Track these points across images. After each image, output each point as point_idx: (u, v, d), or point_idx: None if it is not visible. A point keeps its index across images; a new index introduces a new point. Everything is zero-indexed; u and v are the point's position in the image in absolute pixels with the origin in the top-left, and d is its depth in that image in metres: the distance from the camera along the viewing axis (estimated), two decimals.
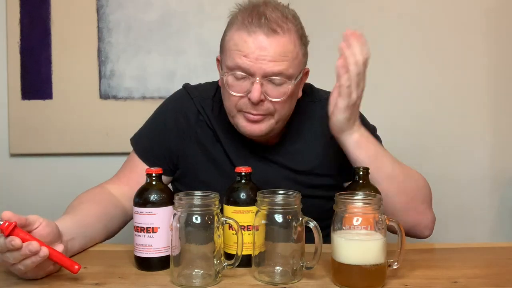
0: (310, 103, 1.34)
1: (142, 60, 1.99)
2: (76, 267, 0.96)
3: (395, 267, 0.98)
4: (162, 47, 1.98)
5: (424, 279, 0.99)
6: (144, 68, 1.99)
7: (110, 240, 1.27)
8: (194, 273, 0.97)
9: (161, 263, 1.03)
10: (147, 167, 1.19)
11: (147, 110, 1.99)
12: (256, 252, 0.98)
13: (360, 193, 0.99)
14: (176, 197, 0.97)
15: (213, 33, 2.00)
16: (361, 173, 1.11)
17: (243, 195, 1.05)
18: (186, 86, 1.39)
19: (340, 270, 0.95)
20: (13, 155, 2.04)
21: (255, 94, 1.14)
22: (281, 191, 1.00)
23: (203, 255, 0.97)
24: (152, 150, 1.34)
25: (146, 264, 1.04)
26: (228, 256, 1.02)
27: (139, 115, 1.99)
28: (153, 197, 1.03)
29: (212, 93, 1.35)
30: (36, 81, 1.99)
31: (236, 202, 1.05)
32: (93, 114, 2.00)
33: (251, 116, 1.18)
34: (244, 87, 1.16)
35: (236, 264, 0.97)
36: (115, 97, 1.99)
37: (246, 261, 0.99)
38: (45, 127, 2.00)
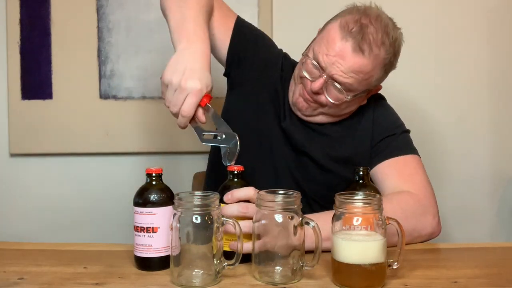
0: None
1: (142, 60, 1.99)
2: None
3: (395, 267, 0.98)
4: (162, 47, 1.97)
5: (424, 279, 0.99)
6: (144, 68, 1.99)
7: (110, 240, 1.27)
8: (194, 273, 0.97)
9: (161, 263, 1.03)
10: (230, 30, 1.36)
11: (147, 110, 2.01)
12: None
13: (360, 193, 0.99)
14: (176, 197, 0.98)
15: None
16: (361, 173, 1.11)
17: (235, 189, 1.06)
18: (285, 53, 1.48)
19: (340, 270, 0.95)
20: (13, 155, 2.03)
21: (316, 85, 1.24)
22: (281, 191, 1.01)
23: (203, 255, 0.97)
24: (245, 35, 1.40)
25: (146, 264, 1.04)
26: (225, 254, 1.01)
27: (139, 115, 2.01)
28: (153, 197, 1.03)
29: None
30: (36, 81, 1.99)
31: None
32: (93, 114, 2.00)
33: (305, 93, 1.29)
34: (313, 73, 1.26)
35: (237, 263, 0.97)
36: (115, 97, 1.99)
37: (244, 258, 0.98)
38: (45, 127, 2.00)
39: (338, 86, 1.24)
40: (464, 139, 2.00)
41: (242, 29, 1.40)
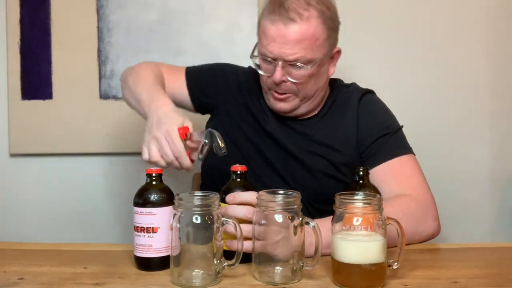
0: (343, 88, 1.45)
1: (142, 60, 1.97)
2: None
3: (395, 267, 0.98)
4: (162, 47, 1.98)
5: (424, 279, 0.99)
6: None
7: (110, 240, 1.27)
8: (194, 273, 0.97)
9: (161, 263, 1.03)
10: (184, 82, 1.44)
11: None
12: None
13: (360, 193, 0.99)
14: (176, 197, 0.98)
15: (213, 33, 2.01)
16: (361, 173, 1.11)
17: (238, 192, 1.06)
18: (250, 65, 1.51)
19: (340, 270, 0.95)
20: (13, 155, 2.03)
21: (277, 76, 1.27)
22: (281, 191, 1.01)
23: (203, 255, 0.97)
24: (199, 76, 1.48)
25: (146, 264, 1.04)
26: (225, 254, 1.01)
27: (139, 115, 2.01)
28: (153, 197, 1.04)
29: None
30: (36, 81, 1.99)
31: None
32: (93, 114, 2.00)
33: (277, 95, 1.33)
34: (270, 69, 1.29)
35: (237, 264, 0.97)
36: (115, 97, 1.99)
37: (244, 258, 0.98)
38: (45, 127, 2.00)
39: (297, 63, 1.25)
40: (464, 139, 2.00)
41: (193, 73, 1.48)
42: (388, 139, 1.35)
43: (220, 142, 1.14)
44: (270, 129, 1.39)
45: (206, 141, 1.15)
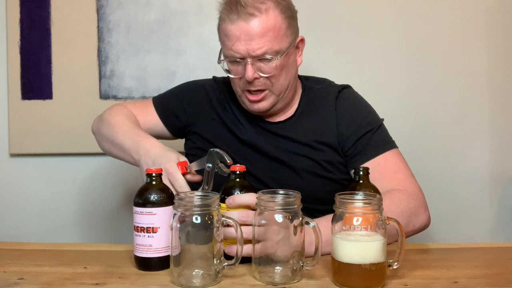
0: (316, 84, 1.44)
1: (142, 60, 1.99)
2: None
3: (395, 267, 0.98)
4: (162, 47, 1.98)
5: (424, 279, 0.99)
6: (144, 68, 1.99)
7: (110, 240, 1.27)
8: (194, 273, 0.97)
9: (161, 263, 1.03)
10: (155, 114, 1.45)
11: None
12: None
13: (360, 193, 0.99)
14: (176, 197, 0.98)
15: (213, 33, 1.99)
16: (361, 173, 1.11)
17: (237, 194, 1.06)
18: (214, 76, 1.53)
19: (340, 270, 0.95)
20: (13, 155, 2.03)
21: (248, 74, 1.27)
22: (281, 191, 1.01)
23: (203, 255, 0.97)
24: (167, 103, 1.48)
25: (146, 264, 1.04)
26: (225, 254, 1.01)
27: None
28: (153, 197, 1.04)
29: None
30: (36, 81, 1.99)
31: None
32: (93, 114, 1.98)
33: (252, 97, 1.32)
34: (240, 70, 1.29)
35: (237, 264, 0.97)
36: (115, 97, 1.99)
37: (244, 257, 0.98)
38: (45, 127, 2.00)
39: (266, 56, 1.25)
40: (464, 139, 2.00)
41: (161, 102, 1.49)
42: (371, 136, 1.34)
43: (226, 158, 1.13)
44: (248, 137, 1.38)
45: (210, 165, 1.15)
